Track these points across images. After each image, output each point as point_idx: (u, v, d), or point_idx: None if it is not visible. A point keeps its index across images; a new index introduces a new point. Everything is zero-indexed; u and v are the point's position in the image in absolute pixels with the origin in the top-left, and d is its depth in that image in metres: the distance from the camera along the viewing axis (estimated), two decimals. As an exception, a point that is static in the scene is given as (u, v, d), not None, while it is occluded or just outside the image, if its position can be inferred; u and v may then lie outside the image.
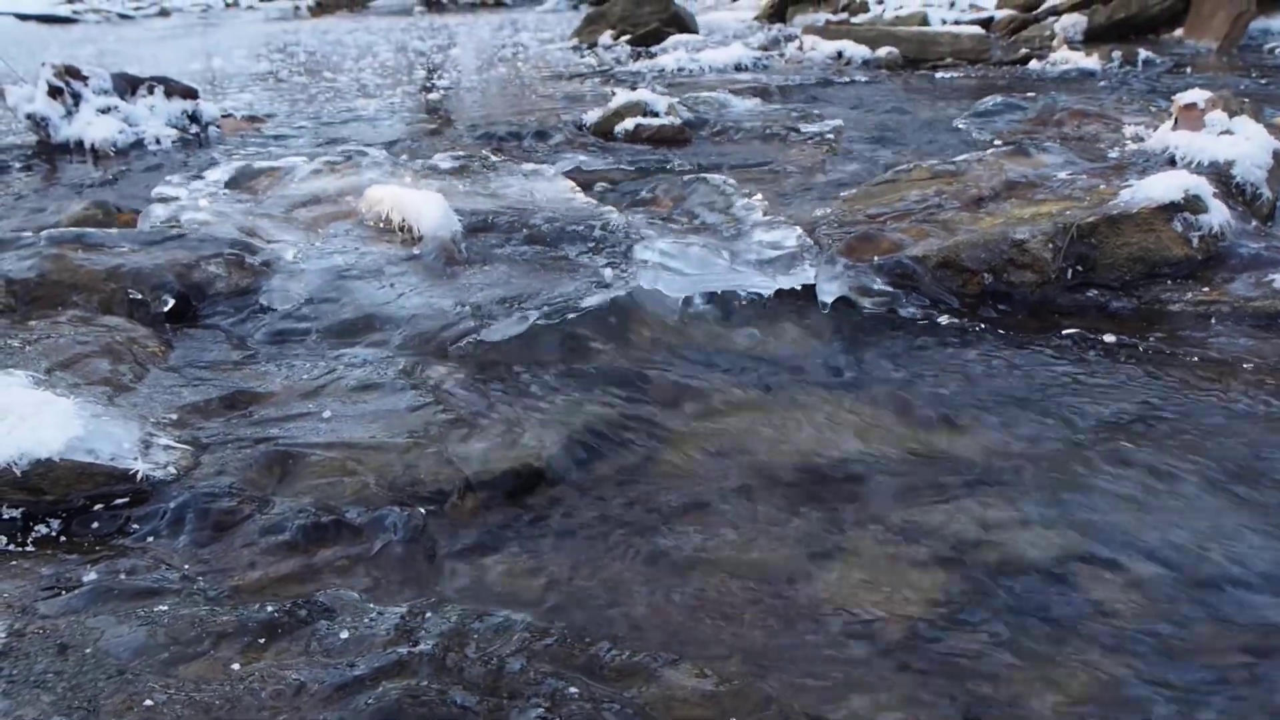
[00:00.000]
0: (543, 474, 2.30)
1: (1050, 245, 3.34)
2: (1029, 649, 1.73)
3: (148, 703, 1.49)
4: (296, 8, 23.89)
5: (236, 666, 1.59)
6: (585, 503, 2.21)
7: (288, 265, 3.50)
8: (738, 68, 8.93)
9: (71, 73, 5.75)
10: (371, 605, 1.76)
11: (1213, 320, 3.06)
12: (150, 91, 5.93)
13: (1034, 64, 8.41)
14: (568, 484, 2.28)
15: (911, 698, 1.62)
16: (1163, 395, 2.64)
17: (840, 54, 9.21)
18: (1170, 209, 3.37)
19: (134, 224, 3.98)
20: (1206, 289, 3.22)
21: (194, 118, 6.02)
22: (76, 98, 5.71)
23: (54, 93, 5.66)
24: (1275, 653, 1.71)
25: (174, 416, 2.47)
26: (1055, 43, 9.38)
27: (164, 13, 25.19)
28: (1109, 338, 2.99)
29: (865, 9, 13.34)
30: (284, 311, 3.21)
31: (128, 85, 5.96)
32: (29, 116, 5.70)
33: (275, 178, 4.59)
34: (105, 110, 5.71)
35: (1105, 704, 1.61)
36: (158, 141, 5.71)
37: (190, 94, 6.07)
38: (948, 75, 8.19)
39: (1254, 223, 3.63)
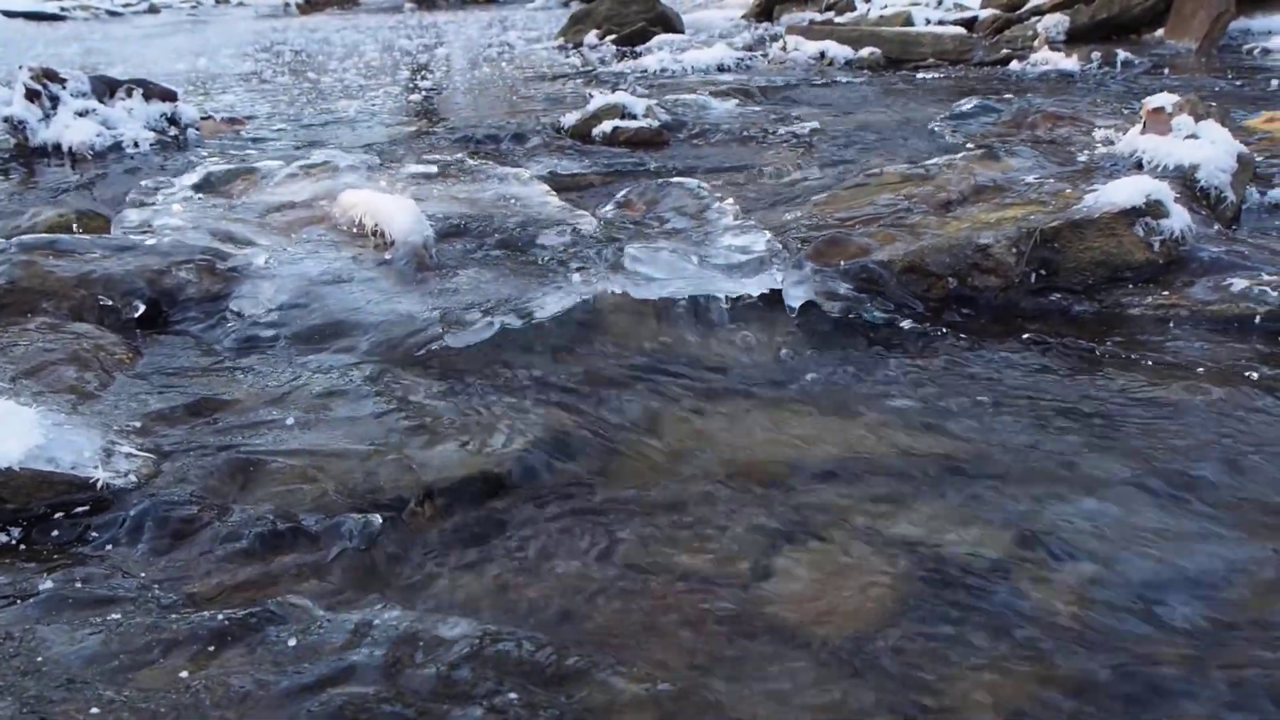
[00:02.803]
0: (503, 480, 2.33)
1: (1014, 250, 3.38)
2: (972, 652, 1.76)
3: (94, 710, 1.52)
4: (286, 5, 23.89)
5: (185, 674, 1.62)
6: (543, 509, 2.24)
7: (259, 271, 3.52)
8: (720, 68, 8.95)
9: (49, 75, 5.76)
10: (323, 613, 1.79)
11: (1171, 324, 3.10)
12: (129, 94, 5.94)
13: (1014, 65, 8.45)
14: (527, 490, 2.31)
15: (854, 702, 1.65)
16: (1118, 399, 2.68)
17: (823, 54, 9.24)
18: (1132, 213, 3.41)
19: (108, 229, 4.00)
20: (1166, 293, 3.26)
21: (173, 120, 6.03)
22: (54, 100, 5.73)
23: (31, 96, 5.66)
24: (1211, 654, 1.75)
25: (138, 424, 2.50)
26: (1037, 43, 9.41)
27: (153, 9, 25.17)
28: (1069, 341, 3.03)
29: (851, 8, 13.37)
30: (253, 318, 3.24)
31: (106, 88, 5.97)
32: (6, 120, 5.71)
33: (251, 182, 4.61)
34: (83, 113, 5.72)
35: (1044, 705, 1.64)
36: (136, 144, 5.72)
37: (169, 96, 6.08)
38: (928, 76, 8.23)
39: (1216, 226, 3.67)
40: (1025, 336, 3.09)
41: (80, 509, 2.13)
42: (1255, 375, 2.75)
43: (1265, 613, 1.85)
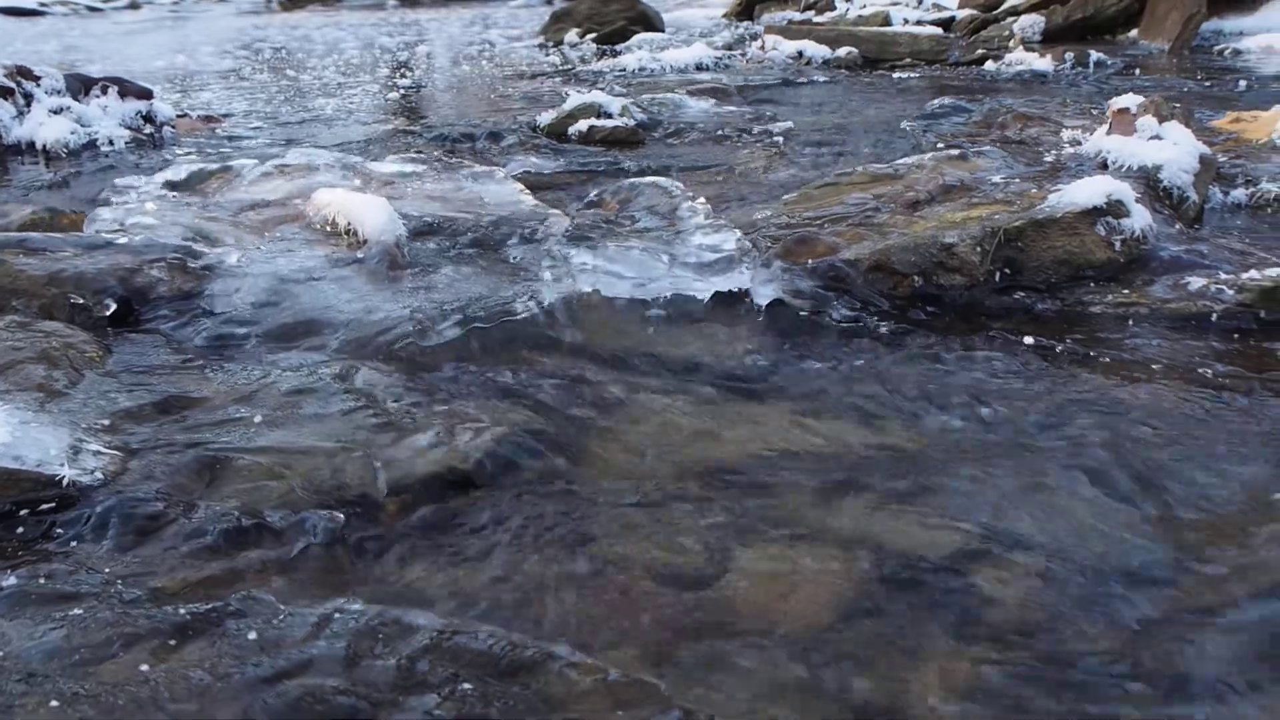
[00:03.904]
0: (469, 477, 2.35)
1: (978, 249, 3.42)
2: (924, 640, 1.80)
3: (54, 704, 1.54)
4: (268, 1, 23.81)
5: (146, 668, 1.64)
6: (507, 505, 2.27)
7: (231, 269, 3.54)
8: (699, 67, 8.99)
9: (23, 73, 5.76)
10: (284, 607, 1.82)
11: (1131, 322, 3.15)
12: (104, 92, 5.94)
13: (989, 65, 8.52)
14: (493, 487, 2.34)
15: (807, 692, 1.68)
16: (1076, 395, 2.72)
17: (801, 54, 9.29)
18: (1094, 213, 3.47)
19: (80, 227, 4.01)
20: (1127, 291, 3.31)
21: (148, 118, 6.04)
22: (28, 98, 5.72)
23: (4, 93, 5.66)
24: (1156, 644, 1.79)
25: (106, 422, 2.52)
26: (1012, 43, 9.48)
27: (134, 6, 25.05)
28: (1031, 339, 3.07)
29: (831, 7, 13.44)
30: (225, 316, 3.26)
31: (81, 85, 5.97)
32: (-20, 118, 5.72)
33: (225, 180, 4.63)
34: (57, 111, 5.72)
35: (994, 694, 1.68)
36: (111, 143, 5.72)
37: (145, 94, 6.09)
38: (904, 76, 8.28)
39: (1178, 226, 3.72)
40: (989, 334, 3.14)
41: (46, 506, 2.15)
42: (1210, 372, 2.80)
43: (1209, 604, 1.89)
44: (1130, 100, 4.34)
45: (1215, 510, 2.19)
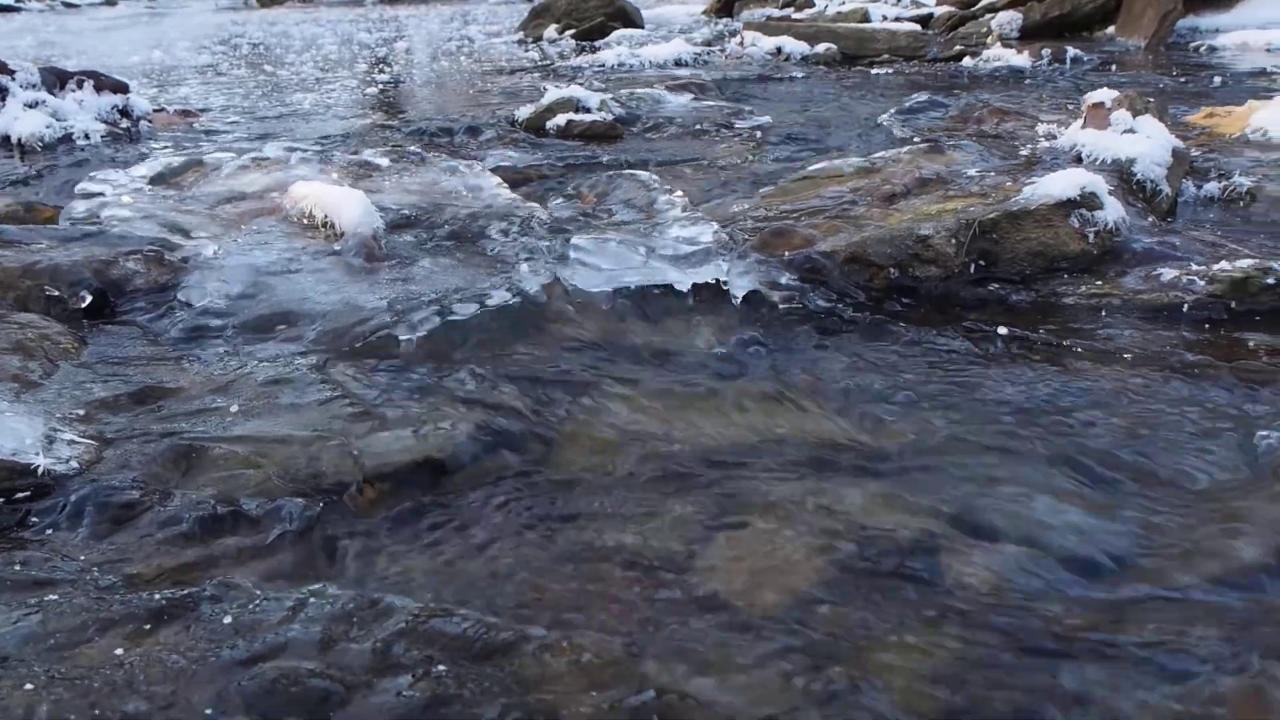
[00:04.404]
0: (445, 465, 2.36)
1: (953, 240, 3.45)
2: (896, 622, 1.82)
3: (28, 686, 1.55)
4: (246, -2, 23.73)
5: (121, 651, 1.65)
6: (483, 493, 2.27)
7: (208, 261, 3.53)
8: (678, 63, 9.01)
9: (-2, 67, 5.73)
10: (259, 592, 1.82)
11: (1103, 313, 3.18)
12: (79, 86, 5.91)
13: (967, 61, 8.56)
14: (468, 475, 2.34)
15: (779, 672, 1.70)
16: (1048, 384, 2.75)
17: (779, 50, 9.32)
18: (1068, 205, 3.50)
19: (55, 220, 3.99)
20: (1100, 283, 3.34)
21: (125, 112, 6.01)
22: (3, 92, 5.69)
23: (-20, 87, 5.63)
24: (1122, 624, 1.81)
25: (81, 411, 2.52)
26: (990, 40, 9.54)
27: (110, 2, 24.92)
28: (1005, 330, 3.10)
29: (810, 4, 13.47)
30: (201, 308, 3.25)
31: (56, 79, 5.94)
32: (-46, 112, 5.68)
33: (201, 173, 4.62)
34: (32, 105, 5.69)
35: (960, 674, 1.69)
36: (86, 137, 5.70)
37: (121, 88, 6.06)
38: (882, 72, 8.31)
39: (1151, 219, 3.76)
40: (964, 325, 3.16)
41: (20, 494, 2.14)
42: (1180, 361, 2.83)
43: (1176, 585, 1.92)
44: (1105, 95, 4.37)
45: (1183, 494, 2.22)
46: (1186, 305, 3.13)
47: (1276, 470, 2.27)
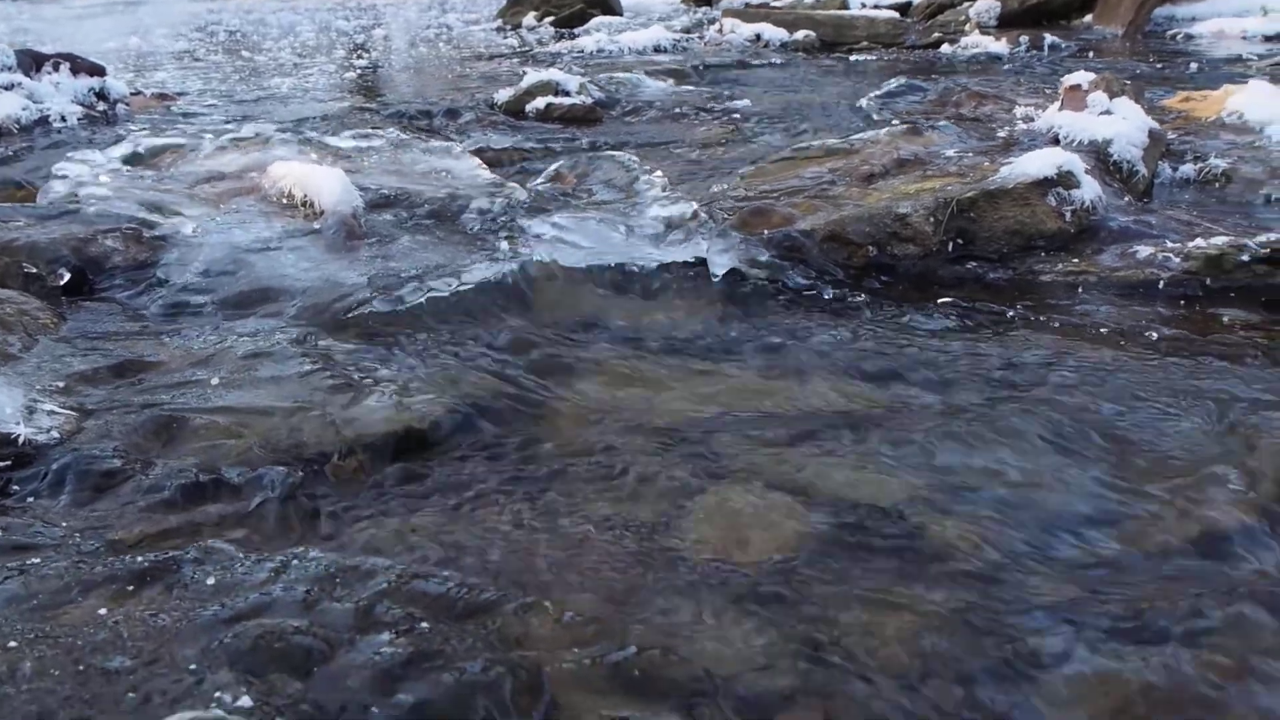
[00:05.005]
0: (426, 436, 2.36)
1: (931, 219, 3.47)
2: (875, 585, 1.83)
3: (11, 644, 1.55)
4: (221, -14, 23.53)
5: (104, 612, 1.65)
6: (464, 462, 2.28)
7: (187, 239, 3.53)
8: (657, 49, 9.01)
9: (-27, 49, 5.69)
10: (242, 555, 1.83)
11: (1080, 289, 3.21)
12: (56, 68, 5.87)
13: (945, 48, 8.59)
14: (449, 445, 2.35)
15: (760, 631, 1.71)
16: (1025, 358, 2.77)
17: (759, 37, 9.33)
18: (1045, 184, 3.52)
19: (34, 199, 3.97)
20: (1077, 260, 3.37)
21: (101, 95, 5.97)
22: (-21, 74, 5.65)
23: (-45, 69, 5.59)
24: (1094, 585, 1.84)
25: (61, 384, 2.51)
26: (968, 27, 9.56)
27: (84, -9, 24.67)
28: (983, 306, 3.13)
29: (789, -8, 13.48)
30: (180, 284, 3.25)
31: (32, 62, 5.90)
32: (-71, 94, 5.63)
33: (179, 154, 4.59)
34: (8, 87, 5.65)
35: (942, 635, 1.71)
36: (63, 119, 5.66)
37: (97, 71, 6.02)
38: (861, 58, 8.33)
39: (1127, 198, 3.79)
40: (942, 302, 3.19)
41: (2, 464, 2.14)
42: (1155, 336, 2.86)
43: (1151, 548, 1.94)
44: (1082, 77, 4.41)
45: (1158, 461, 2.24)
46: (1162, 282, 3.17)
47: (1246, 438, 2.30)
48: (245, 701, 1.39)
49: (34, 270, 3.23)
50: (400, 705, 1.45)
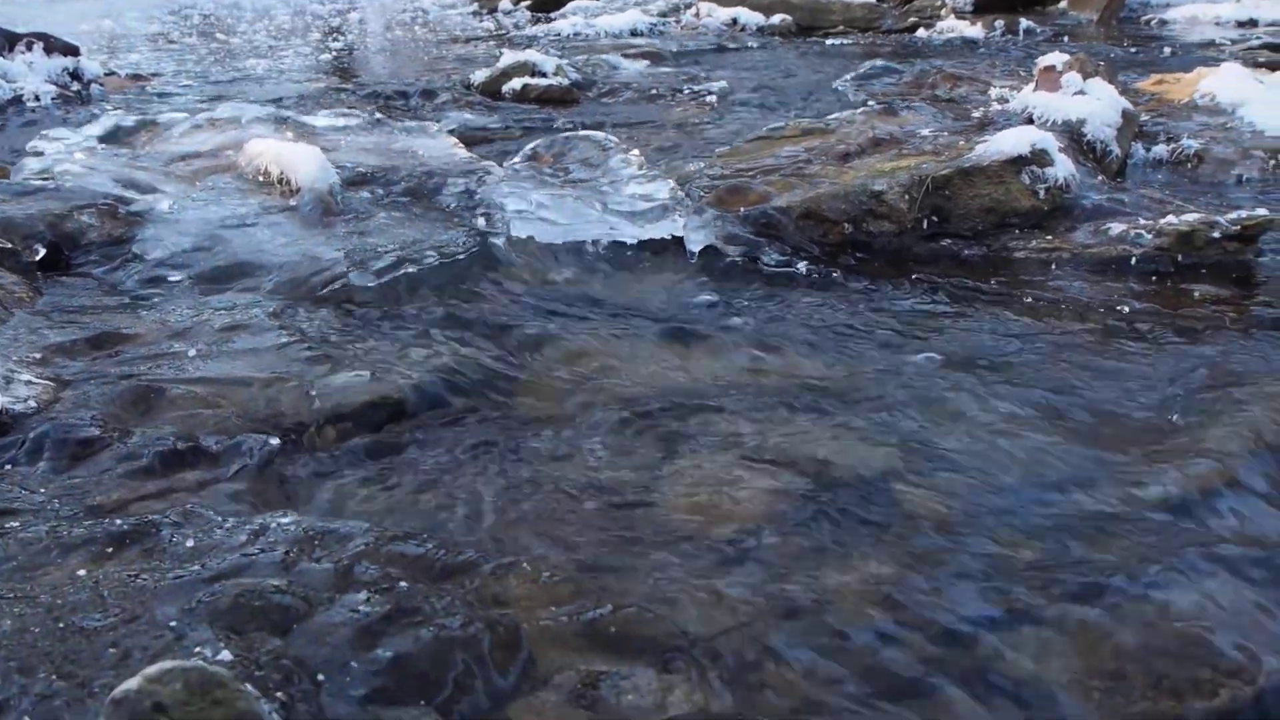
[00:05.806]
0: (403, 406, 2.37)
1: (906, 196, 3.50)
2: (845, 547, 1.86)
3: (-10, 603, 1.56)
4: (195, -29, 23.34)
5: (84, 573, 1.66)
6: (441, 432, 2.29)
7: (163, 215, 3.52)
8: (633, 33, 9.00)
9: (-55, 27, 5.63)
10: (220, 519, 1.84)
11: (1053, 266, 3.25)
12: (29, 48, 5.83)
13: (921, 32, 8.63)
14: (427, 415, 2.36)
15: (737, 590, 1.74)
16: (998, 332, 2.81)
17: (735, 21, 9.33)
18: (1019, 162, 3.55)
19: (7, 176, 3.95)
20: (1050, 237, 3.40)
21: (76, 75, 5.93)
22: (-50, 53, 5.60)
23: (-74, 47, 5.54)
24: (1061, 549, 1.87)
25: (38, 356, 2.51)
26: (944, 12, 9.59)
27: (56, -26, 24.42)
28: (957, 282, 3.16)
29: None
30: (156, 259, 3.24)
31: (5, 41, 5.85)
32: (-99, 72, 5.58)
33: (155, 133, 4.57)
34: (-19, 66, 5.61)
35: (916, 595, 1.74)
36: (37, 98, 5.62)
37: (71, 51, 5.98)
38: (837, 42, 8.36)
39: (1100, 178, 3.83)
40: (916, 278, 3.22)
41: (-22, 432, 2.14)
42: (1126, 310, 2.90)
43: (1119, 513, 1.97)
44: (1056, 58, 4.43)
45: (1128, 429, 2.28)
46: (1134, 258, 3.20)
47: (1213, 407, 2.34)
48: (225, 655, 1.40)
49: (9, 246, 3.21)
50: (379, 660, 1.47)
